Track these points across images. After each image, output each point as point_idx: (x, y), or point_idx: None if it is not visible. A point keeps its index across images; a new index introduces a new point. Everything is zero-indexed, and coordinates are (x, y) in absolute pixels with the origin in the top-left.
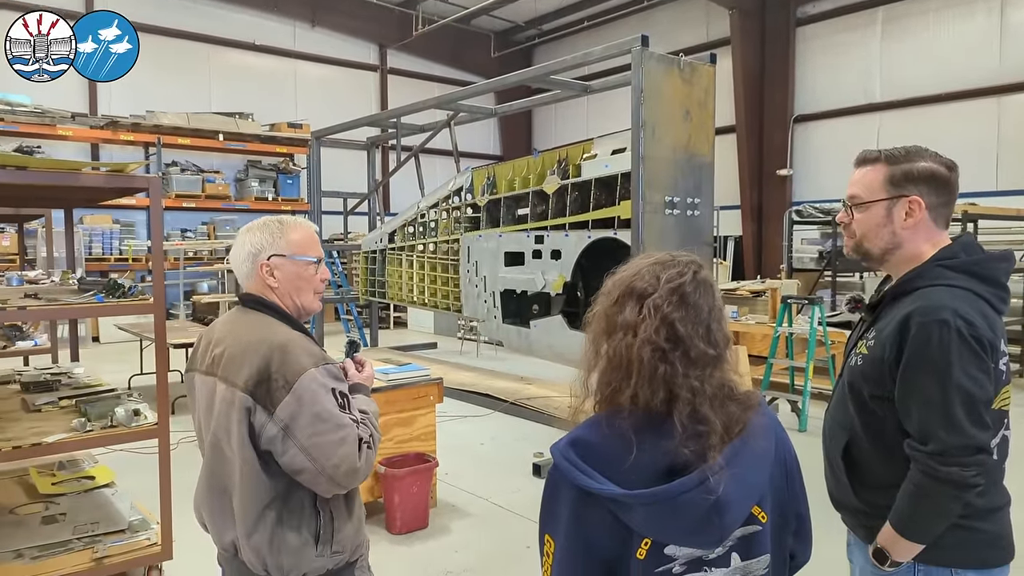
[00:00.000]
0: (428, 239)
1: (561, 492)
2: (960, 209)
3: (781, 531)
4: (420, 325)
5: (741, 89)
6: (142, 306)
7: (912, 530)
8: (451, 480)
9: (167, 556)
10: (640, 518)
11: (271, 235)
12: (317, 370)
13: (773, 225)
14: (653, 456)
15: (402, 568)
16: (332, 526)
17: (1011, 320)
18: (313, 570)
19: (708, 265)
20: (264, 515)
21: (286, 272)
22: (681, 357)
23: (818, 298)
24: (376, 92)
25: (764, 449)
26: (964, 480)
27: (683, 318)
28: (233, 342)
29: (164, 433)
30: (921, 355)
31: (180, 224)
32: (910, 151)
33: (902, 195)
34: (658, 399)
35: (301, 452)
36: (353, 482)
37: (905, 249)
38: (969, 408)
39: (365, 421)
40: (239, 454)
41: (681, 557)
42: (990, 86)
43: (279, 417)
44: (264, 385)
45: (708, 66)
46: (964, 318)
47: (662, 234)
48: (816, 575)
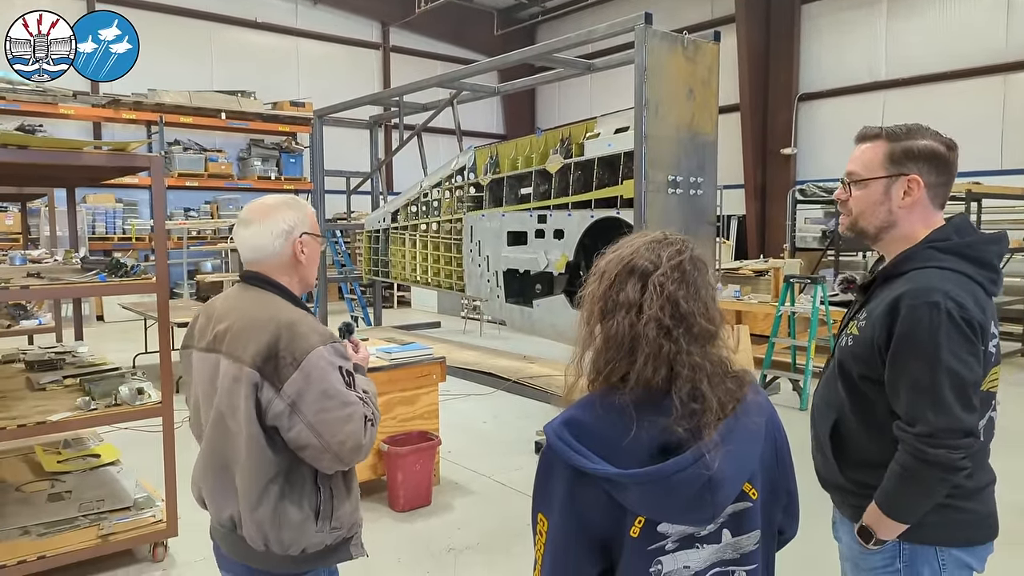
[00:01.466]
0: (431, 218)
1: (555, 471)
2: (964, 188)
3: (771, 507)
4: (423, 304)
5: (745, 67)
6: (145, 285)
7: (898, 510)
8: (454, 458)
9: (172, 533)
10: (634, 497)
11: (302, 212)
12: (325, 348)
13: (777, 204)
14: (648, 434)
15: (405, 545)
16: (332, 503)
17: (1012, 300)
18: (312, 545)
19: (710, 245)
20: (268, 490)
21: (312, 249)
22: (684, 334)
23: (820, 277)
24: (379, 70)
25: (756, 426)
26: (952, 463)
27: (686, 295)
28: (238, 319)
29: (168, 411)
30: (911, 337)
31: (183, 203)
32: (911, 129)
33: (901, 173)
34: (659, 376)
35: (307, 428)
36: (357, 458)
37: (900, 228)
38: (958, 391)
39: (367, 400)
40: (245, 429)
41: (674, 534)
42: (996, 64)
43: (286, 393)
44: (272, 362)
45: (712, 44)
46: (955, 300)
47: (665, 213)
48: (804, 552)
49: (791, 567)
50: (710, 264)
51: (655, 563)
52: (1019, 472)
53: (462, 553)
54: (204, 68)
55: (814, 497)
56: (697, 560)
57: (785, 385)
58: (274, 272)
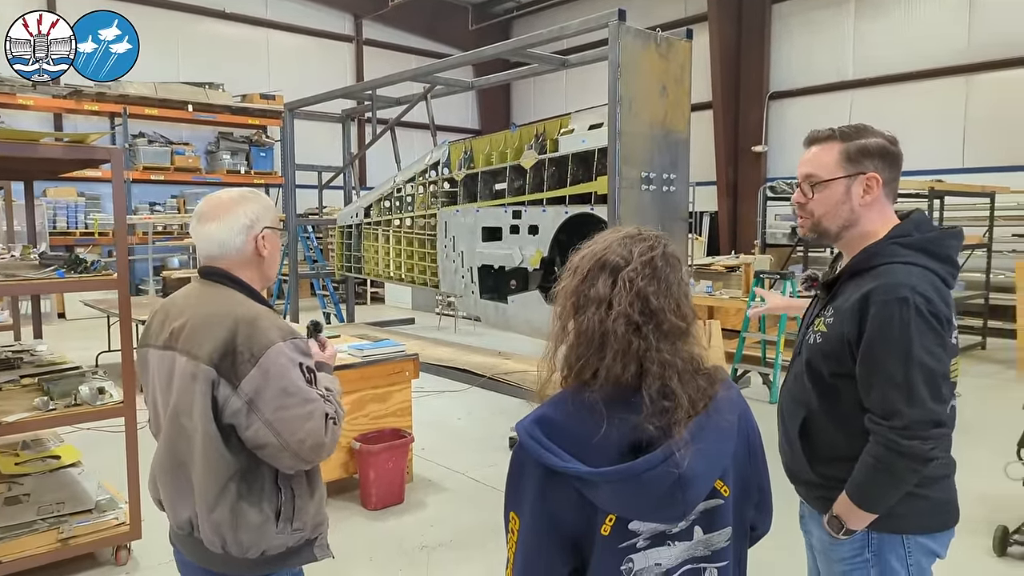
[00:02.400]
0: (405, 214)
1: (526, 470)
2: (927, 186)
3: (742, 504)
4: (397, 300)
5: (717, 65)
6: (105, 282)
7: (869, 501)
8: (427, 455)
9: (136, 535)
10: (605, 495)
11: (262, 206)
12: (285, 344)
13: (748, 201)
14: (619, 432)
15: (378, 543)
16: (294, 503)
17: (973, 294)
18: (273, 547)
19: (683, 241)
20: (225, 491)
21: (273, 244)
22: (654, 330)
23: (790, 273)
24: (351, 63)
25: (729, 423)
26: (925, 453)
27: (656, 291)
28: (195, 315)
29: (131, 411)
30: (882, 333)
31: (148, 197)
32: (859, 127)
33: (860, 172)
34: (629, 373)
35: (266, 426)
36: (318, 457)
37: (860, 226)
38: (930, 383)
39: (330, 398)
40: (201, 428)
41: (645, 532)
42: (958, 65)
43: (244, 391)
44: (229, 358)
45: (685, 42)
46: (922, 295)
47: (638, 210)
48: (770, 545)
49: (759, 560)
50: (683, 261)
51: (626, 561)
52: (978, 460)
53: (435, 551)
54: (171, 59)
55: (781, 490)
56: (668, 557)
57: (755, 379)
58: (234, 267)
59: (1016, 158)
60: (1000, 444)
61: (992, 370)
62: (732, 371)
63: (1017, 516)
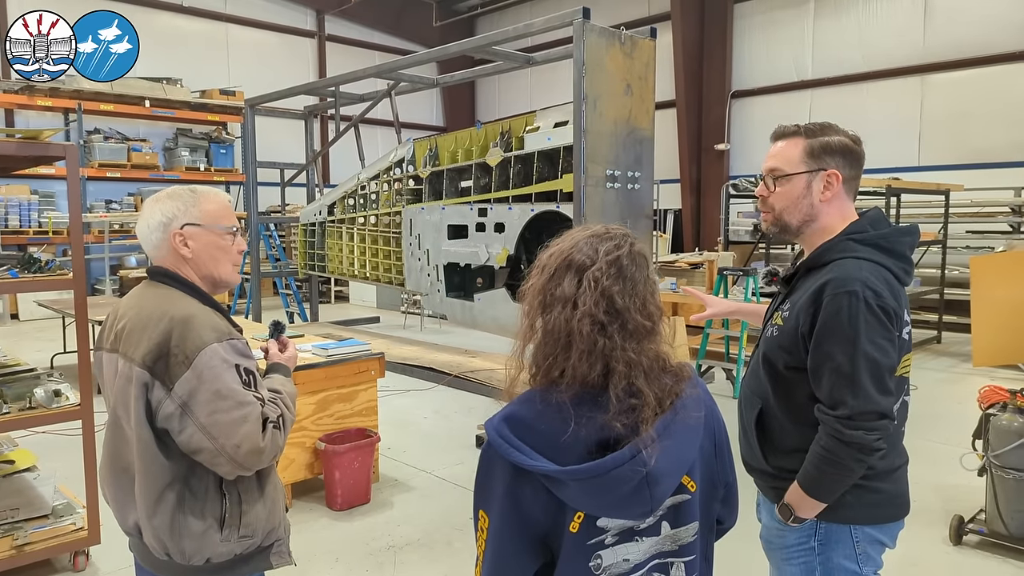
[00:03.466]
0: (369, 211)
1: (495, 468)
2: (884, 183)
3: (709, 499)
4: (362, 299)
5: (681, 64)
6: (60, 281)
7: (817, 489)
8: (393, 454)
9: (94, 541)
10: (573, 493)
11: (183, 203)
12: (220, 345)
13: (711, 199)
14: (587, 430)
15: (344, 544)
16: (239, 509)
17: (928, 290)
18: (219, 555)
19: (648, 238)
20: (163, 497)
21: (202, 242)
22: (619, 330)
23: (752, 270)
24: (314, 59)
25: (695, 420)
26: (868, 443)
27: (621, 291)
28: (134, 316)
29: (88, 414)
30: (831, 325)
31: (105, 195)
32: (824, 125)
33: (821, 168)
34: (595, 372)
35: (200, 431)
36: (256, 463)
37: (820, 222)
38: (875, 375)
39: (276, 400)
40: (135, 433)
41: (613, 528)
42: (914, 65)
43: (177, 394)
44: (163, 360)
45: (649, 40)
46: (872, 289)
47: (603, 207)
48: (735, 534)
49: (723, 549)
50: (650, 259)
51: (595, 557)
52: (934, 452)
53: (402, 550)
54: None
55: (746, 480)
56: (636, 553)
57: (719, 375)
58: (177, 266)
59: (969, 156)
60: (955, 436)
61: (947, 364)
62: (696, 367)
63: (972, 506)
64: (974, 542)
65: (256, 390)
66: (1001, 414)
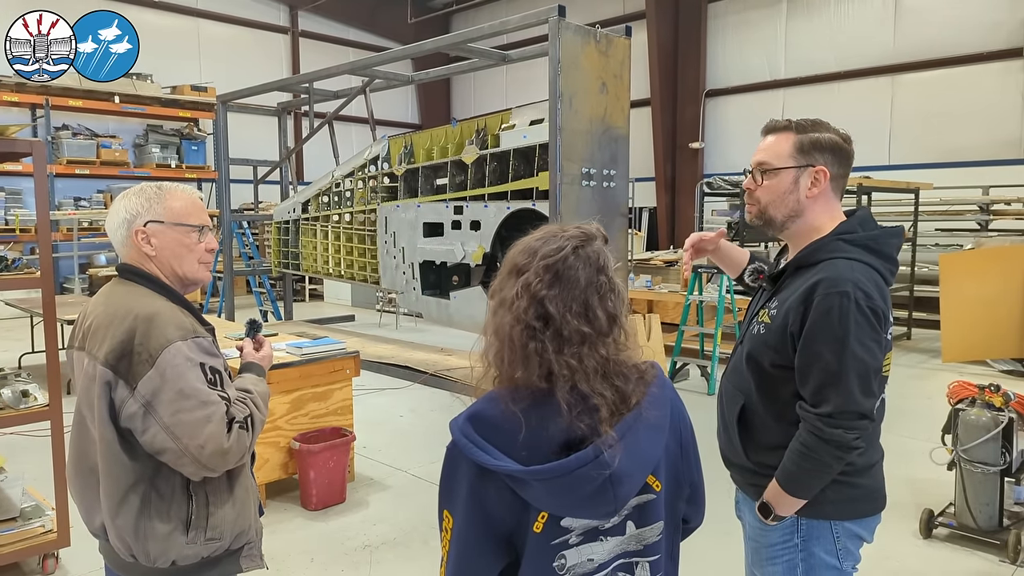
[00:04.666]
0: (344, 209)
1: (459, 468)
2: (855, 182)
3: (674, 498)
4: (337, 297)
5: (655, 63)
6: (28, 280)
7: (796, 486)
8: (369, 453)
9: (64, 543)
10: (536, 493)
11: (147, 200)
12: (184, 343)
13: (686, 197)
14: (549, 431)
15: (319, 544)
16: (206, 511)
17: (898, 287)
18: (184, 557)
19: (623, 236)
20: (127, 498)
21: (165, 239)
22: (552, 336)
23: None
24: (287, 55)
25: (658, 419)
26: (847, 442)
27: (555, 296)
28: (100, 313)
29: (57, 415)
30: (822, 324)
31: (73, 192)
32: (816, 122)
33: (810, 164)
34: (536, 376)
35: (163, 431)
36: (222, 464)
37: (805, 218)
38: (861, 376)
39: (245, 400)
40: (98, 432)
41: (577, 528)
42: (885, 65)
43: (140, 393)
44: (127, 359)
45: (624, 39)
46: (863, 290)
47: (579, 205)
48: (709, 530)
49: (700, 545)
50: (611, 260)
51: (559, 557)
52: (905, 446)
53: (378, 549)
54: None
55: (722, 477)
56: (601, 552)
57: (694, 371)
58: (143, 263)
59: (938, 155)
60: (926, 430)
61: (918, 359)
62: (671, 364)
63: (942, 499)
64: (944, 535)
65: (222, 389)
66: (970, 409)
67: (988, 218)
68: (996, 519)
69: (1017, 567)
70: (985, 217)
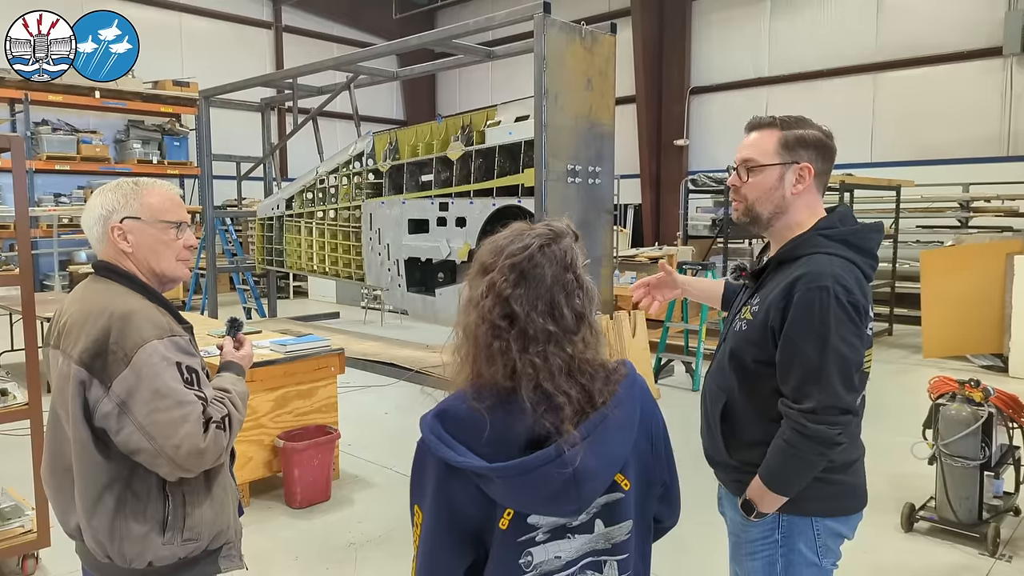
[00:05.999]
0: (328, 206)
1: (427, 464)
2: (838, 179)
3: (645, 498)
4: (321, 295)
5: (640, 60)
6: (6, 277)
7: (778, 483)
8: (354, 451)
9: (44, 543)
10: (500, 490)
11: (123, 196)
12: (161, 342)
13: (670, 194)
14: (514, 429)
15: (304, 542)
16: (183, 511)
17: (879, 283)
18: (161, 558)
19: (608, 233)
20: (102, 499)
21: (142, 236)
22: (518, 335)
23: (711, 264)
24: (270, 51)
25: (626, 418)
26: (830, 438)
27: (520, 295)
28: (76, 311)
29: (36, 413)
30: (802, 319)
31: (53, 188)
32: (799, 118)
33: (795, 161)
34: (500, 375)
35: (138, 431)
36: (198, 465)
37: (789, 215)
38: (843, 371)
39: (223, 400)
40: (72, 432)
41: (544, 526)
42: (867, 63)
43: (115, 392)
44: (101, 357)
45: (609, 36)
46: (843, 285)
47: (564, 202)
48: (692, 524)
49: (680, 539)
50: (578, 257)
51: (525, 554)
52: (886, 441)
53: (363, 547)
54: None
55: (707, 470)
56: (568, 550)
57: (678, 368)
58: (119, 260)
59: (919, 153)
60: (907, 425)
61: (899, 355)
62: (656, 360)
63: (923, 493)
64: (924, 529)
65: (199, 389)
66: (950, 404)
67: (968, 215)
68: (976, 512)
69: (996, 559)
70: (965, 214)
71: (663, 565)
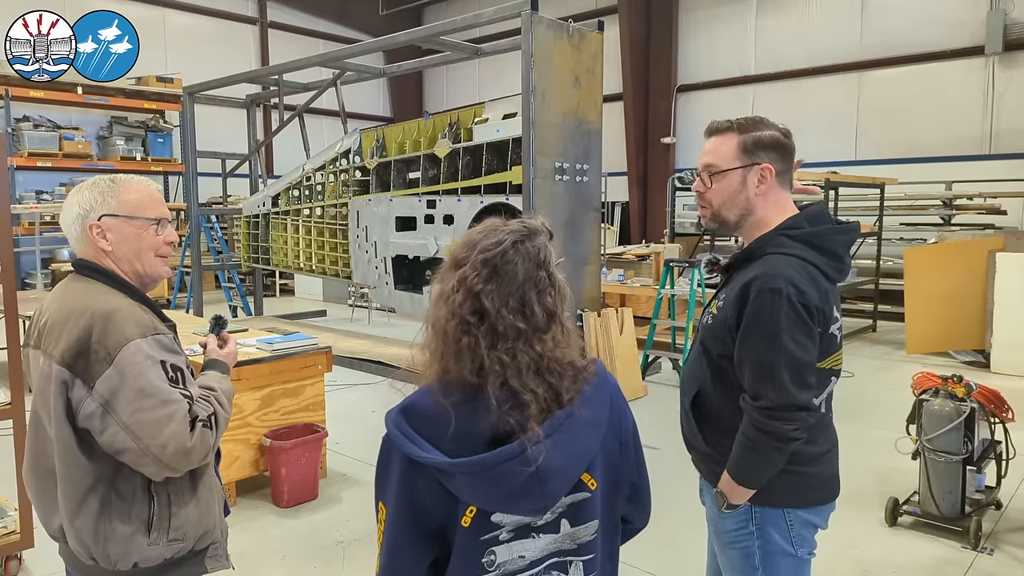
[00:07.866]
0: (315, 203)
1: (392, 459)
2: (822, 177)
3: (612, 498)
4: (308, 292)
5: (628, 58)
6: None
7: (744, 476)
8: (341, 449)
9: (28, 544)
10: (462, 486)
11: (101, 194)
12: (144, 341)
13: (658, 191)
14: (478, 425)
15: (291, 541)
16: (168, 511)
17: (863, 280)
18: (146, 559)
19: (595, 230)
20: (86, 500)
21: (121, 234)
22: (487, 331)
23: (697, 261)
24: (256, 47)
25: (594, 417)
26: (785, 433)
27: (491, 291)
28: (56, 311)
29: (19, 413)
30: (755, 320)
31: (35, 185)
32: (755, 120)
33: (755, 163)
34: (467, 371)
35: (123, 431)
36: (184, 464)
37: (756, 215)
38: (793, 370)
39: (208, 398)
40: (55, 433)
41: (508, 524)
42: (852, 62)
43: (99, 392)
44: (83, 357)
45: (596, 33)
46: (796, 287)
47: (552, 199)
48: (680, 520)
49: (666, 530)
50: (551, 255)
51: (488, 553)
52: (870, 437)
53: (351, 545)
54: None
55: (684, 467)
56: (533, 550)
57: (666, 364)
58: (99, 258)
59: (903, 151)
60: (891, 421)
61: (882, 351)
62: (643, 357)
63: (906, 488)
64: (908, 523)
65: (184, 387)
66: (933, 400)
67: (951, 212)
68: (958, 506)
69: (978, 553)
70: (948, 212)
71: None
